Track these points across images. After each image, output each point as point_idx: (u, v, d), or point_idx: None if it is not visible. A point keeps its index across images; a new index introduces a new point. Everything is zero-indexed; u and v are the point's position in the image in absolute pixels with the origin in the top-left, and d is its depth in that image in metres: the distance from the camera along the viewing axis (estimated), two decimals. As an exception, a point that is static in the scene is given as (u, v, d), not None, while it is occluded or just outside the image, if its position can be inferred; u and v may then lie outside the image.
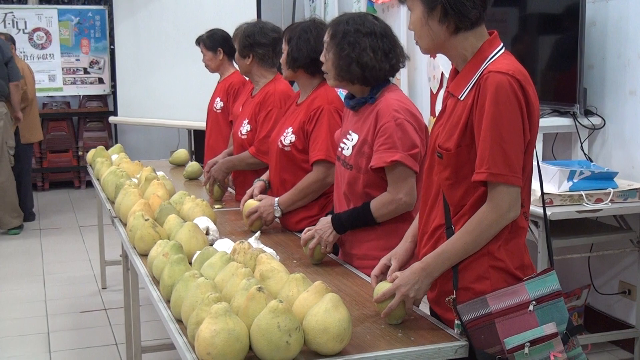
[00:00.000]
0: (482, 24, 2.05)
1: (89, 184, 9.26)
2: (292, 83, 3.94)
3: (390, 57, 2.65)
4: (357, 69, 2.63)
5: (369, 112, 2.66)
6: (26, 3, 9.52)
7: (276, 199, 3.20)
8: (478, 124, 1.94)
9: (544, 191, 2.35)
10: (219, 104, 5.00)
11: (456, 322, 1.99)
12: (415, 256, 2.24)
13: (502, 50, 2.04)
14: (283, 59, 3.22)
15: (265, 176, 3.46)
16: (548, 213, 3.20)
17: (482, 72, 1.98)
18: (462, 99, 2.02)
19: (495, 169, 1.91)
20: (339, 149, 2.78)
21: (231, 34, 4.78)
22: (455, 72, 2.13)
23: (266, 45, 3.83)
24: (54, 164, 9.39)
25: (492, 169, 1.92)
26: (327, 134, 3.08)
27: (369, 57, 2.61)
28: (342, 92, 2.92)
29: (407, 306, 2.08)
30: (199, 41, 5.19)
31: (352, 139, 2.70)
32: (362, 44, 2.62)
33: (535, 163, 2.08)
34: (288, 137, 3.23)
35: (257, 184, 3.40)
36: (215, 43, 5.08)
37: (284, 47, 3.21)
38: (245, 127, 3.89)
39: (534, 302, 1.94)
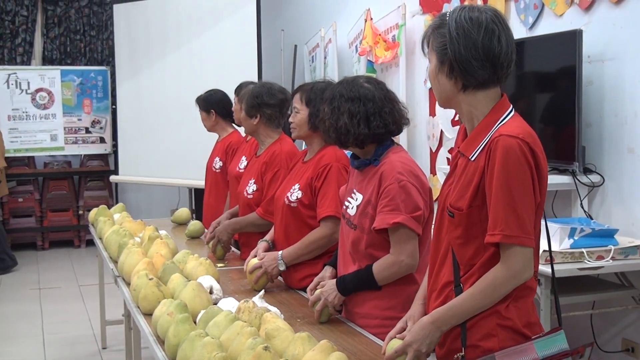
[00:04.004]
0: (494, 87, 2.07)
1: (89, 243, 9.25)
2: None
3: (372, 120, 2.68)
4: (332, 134, 2.73)
5: (373, 172, 2.70)
6: (29, 64, 9.65)
7: (279, 252, 3.21)
8: (489, 187, 1.97)
9: (546, 249, 2.36)
10: (218, 163, 5.06)
11: (464, 377, 1.99)
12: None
13: (512, 113, 2.07)
14: (301, 118, 3.26)
15: (269, 237, 3.47)
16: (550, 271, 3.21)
17: (492, 134, 2.01)
18: (472, 159, 2.05)
19: (509, 231, 1.93)
20: (344, 207, 2.81)
21: (232, 93, 4.88)
22: (464, 131, 2.16)
23: (274, 106, 3.87)
24: (54, 222, 9.40)
25: (505, 230, 1.93)
26: (336, 190, 3.10)
27: (343, 121, 2.68)
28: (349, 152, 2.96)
29: None
30: (197, 101, 5.30)
31: (357, 199, 2.73)
32: (342, 108, 2.69)
33: (543, 222, 2.10)
34: (295, 193, 3.25)
35: (261, 245, 3.41)
36: (208, 104, 5.20)
37: (300, 107, 3.25)
38: (251, 187, 3.91)
39: (542, 361, 1.95)
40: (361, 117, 2.67)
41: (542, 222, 2.11)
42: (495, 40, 2.00)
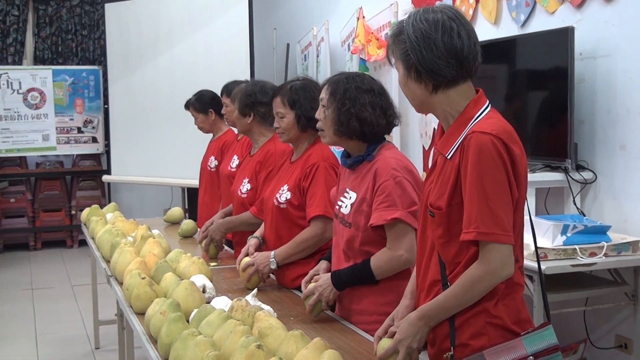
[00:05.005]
0: (465, 82, 2.07)
1: (82, 243, 9.22)
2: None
3: (389, 114, 2.72)
4: (356, 124, 2.68)
5: (366, 170, 2.69)
6: (21, 64, 9.62)
7: (272, 252, 3.21)
8: (464, 184, 1.96)
9: (538, 246, 2.36)
10: (213, 162, 5.03)
11: (453, 376, 1.99)
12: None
13: (488, 109, 2.06)
14: (288, 122, 3.23)
15: (259, 233, 3.47)
16: (543, 267, 3.21)
17: (467, 132, 2.00)
18: (449, 157, 2.04)
19: (484, 228, 1.92)
20: (337, 207, 2.80)
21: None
22: (441, 129, 2.16)
23: (267, 104, 3.84)
24: (46, 223, 9.37)
25: (480, 228, 1.92)
26: (324, 189, 3.10)
27: (368, 112, 2.68)
28: (336, 150, 2.95)
29: (412, 358, 2.08)
30: (188, 105, 5.24)
31: (350, 197, 2.72)
32: (362, 100, 2.69)
33: (527, 217, 2.09)
34: (284, 194, 3.25)
35: (252, 242, 3.40)
36: (204, 105, 5.13)
37: (284, 111, 3.23)
38: (245, 186, 3.90)
39: (531, 357, 1.94)
40: (380, 108, 2.70)
41: (527, 218, 2.10)
42: (455, 36, 2.00)
